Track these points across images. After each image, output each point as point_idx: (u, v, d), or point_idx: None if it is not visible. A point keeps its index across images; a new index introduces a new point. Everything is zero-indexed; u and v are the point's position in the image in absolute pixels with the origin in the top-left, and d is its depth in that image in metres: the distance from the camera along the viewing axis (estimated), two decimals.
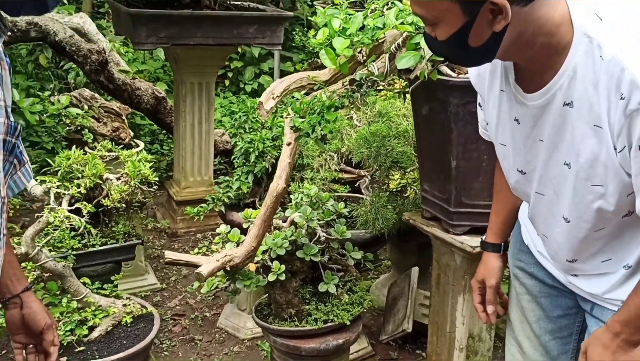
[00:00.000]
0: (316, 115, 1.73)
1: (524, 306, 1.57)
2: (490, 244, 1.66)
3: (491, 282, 1.64)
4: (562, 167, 1.20)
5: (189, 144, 3.90)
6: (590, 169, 1.15)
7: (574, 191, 1.20)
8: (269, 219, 1.96)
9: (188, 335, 2.94)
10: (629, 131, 1.07)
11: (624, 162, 1.11)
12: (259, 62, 5.99)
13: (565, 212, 1.25)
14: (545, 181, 1.27)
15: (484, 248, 1.69)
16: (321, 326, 2.15)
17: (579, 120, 1.13)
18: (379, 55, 1.86)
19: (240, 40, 3.62)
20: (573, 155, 1.17)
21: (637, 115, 1.04)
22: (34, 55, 4.48)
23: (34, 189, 1.79)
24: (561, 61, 1.12)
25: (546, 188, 1.28)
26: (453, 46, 1.12)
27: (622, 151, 1.10)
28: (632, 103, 1.04)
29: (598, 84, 1.08)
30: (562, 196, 1.24)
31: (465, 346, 2.28)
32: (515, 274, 1.59)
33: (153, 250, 3.71)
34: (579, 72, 1.11)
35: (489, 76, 1.31)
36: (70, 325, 1.80)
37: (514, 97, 1.25)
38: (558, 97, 1.15)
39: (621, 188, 1.15)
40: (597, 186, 1.16)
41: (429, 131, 2.09)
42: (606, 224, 1.23)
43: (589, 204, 1.20)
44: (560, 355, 1.54)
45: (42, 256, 1.78)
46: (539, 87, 1.17)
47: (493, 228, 1.67)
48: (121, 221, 2.51)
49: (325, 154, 2.51)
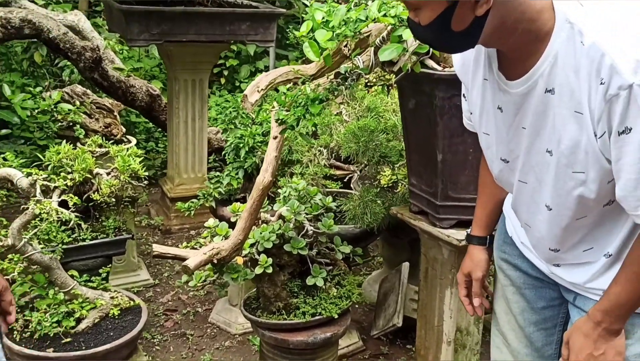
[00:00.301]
0: (301, 108, 1.74)
1: (508, 298, 1.58)
2: (475, 237, 1.68)
3: (477, 275, 1.66)
4: (544, 154, 1.21)
5: (183, 140, 3.91)
6: (571, 156, 1.16)
7: (555, 178, 1.21)
8: (255, 212, 1.97)
9: (180, 329, 2.95)
10: (608, 117, 1.08)
11: (604, 148, 1.12)
12: (254, 60, 6.00)
13: (548, 200, 1.26)
14: (527, 169, 1.28)
15: (469, 241, 1.71)
16: (309, 320, 2.15)
17: (560, 106, 1.14)
18: (364, 49, 1.87)
19: (232, 37, 3.63)
20: (554, 142, 1.18)
21: (617, 100, 1.05)
22: (29, 53, 4.50)
23: (20, 181, 1.80)
24: (543, 47, 1.14)
25: (528, 176, 1.29)
26: (436, 30, 1.13)
27: (602, 136, 1.11)
28: (611, 88, 1.05)
29: (579, 70, 1.09)
30: (544, 184, 1.25)
31: (453, 340, 2.29)
32: (500, 266, 1.60)
33: (146, 247, 3.72)
34: (560, 59, 1.12)
35: (473, 64, 1.33)
36: (57, 316, 1.81)
37: (497, 85, 1.26)
38: (540, 84, 1.16)
39: (601, 174, 1.16)
40: (578, 173, 1.17)
41: (416, 125, 2.10)
42: (588, 212, 1.24)
43: (570, 191, 1.20)
44: (544, 346, 1.55)
45: (29, 248, 1.79)
46: (521, 74, 1.18)
47: (478, 221, 1.69)
48: (111, 215, 2.52)
49: (314, 149, 2.52)
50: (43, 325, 1.79)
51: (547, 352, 1.56)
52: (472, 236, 1.69)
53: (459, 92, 1.59)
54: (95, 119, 2.97)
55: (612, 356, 1.25)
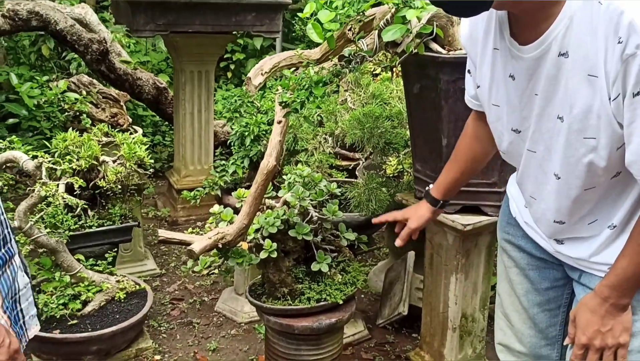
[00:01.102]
0: (304, 90, 1.74)
1: (512, 279, 1.58)
2: (430, 195, 1.72)
3: (412, 224, 1.73)
4: (555, 121, 1.20)
5: (189, 132, 3.92)
6: (583, 121, 1.15)
7: (566, 144, 1.20)
8: (260, 197, 1.97)
9: (186, 318, 2.96)
10: (624, 78, 1.07)
11: (617, 111, 1.11)
12: (261, 54, 6.01)
13: (557, 168, 1.25)
14: (537, 137, 1.27)
15: (425, 195, 1.75)
16: (314, 305, 2.16)
17: (574, 70, 1.13)
18: (369, 32, 1.87)
19: (238, 27, 3.63)
20: (567, 107, 1.17)
21: (633, 60, 1.04)
22: (36, 46, 4.52)
23: (26, 164, 1.81)
24: (558, 9, 1.12)
25: (538, 145, 1.28)
26: None
27: (616, 99, 1.10)
28: (629, 47, 1.04)
29: (596, 31, 1.08)
30: (554, 152, 1.24)
31: (458, 326, 2.29)
32: (504, 247, 1.60)
33: (153, 237, 3.73)
34: (575, 21, 1.11)
35: (483, 35, 1.31)
36: (64, 298, 1.82)
37: (509, 53, 1.24)
38: (553, 48, 1.15)
39: (613, 140, 1.15)
40: (589, 139, 1.16)
41: (420, 109, 2.10)
42: (596, 183, 1.23)
43: (580, 158, 1.19)
44: (548, 327, 1.55)
45: (35, 230, 1.80)
46: (534, 38, 1.17)
47: (438, 183, 1.72)
48: (118, 203, 2.53)
49: (319, 137, 2.52)
50: (49, 307, 1.80)
51: (552, 333, 1.55)
52: (428, 193, 1.73)
53: (464, 75, 1.58)
54: (102, 108, 2.98)
55: (619, 332, 1.24)
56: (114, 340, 1.81)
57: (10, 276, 1.26)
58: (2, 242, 1.24)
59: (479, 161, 1.63)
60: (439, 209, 1.73)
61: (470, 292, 2.27)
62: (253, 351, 2.74)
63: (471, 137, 1.60)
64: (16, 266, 1.29)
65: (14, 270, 1.27)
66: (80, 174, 2.24)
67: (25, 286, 1.34)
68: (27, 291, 1.34)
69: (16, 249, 1.31)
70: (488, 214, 2.11)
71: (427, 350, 2.42)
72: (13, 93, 4.31)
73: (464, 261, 2.20)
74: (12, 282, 1.26)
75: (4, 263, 1.23)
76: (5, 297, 1.23)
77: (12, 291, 1.27)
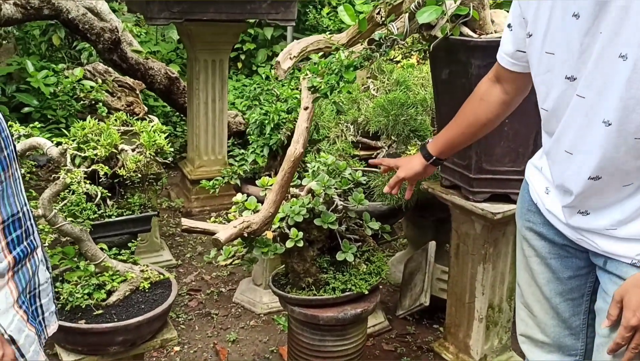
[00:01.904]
0: (334, 75, 1.70)
1: (533, 269, 1.52)
2: (426, 148, 1.74)
3: (400, 173, 1.77)
4: (617, 61, 1.14)
5: (203, 122, 3.88)
6: None
7: (627, 85, 1.14)
8: (286, 185, 1.93)
9: (204, 309, 2.93)
10: None
11: None
12: (271, 44, 5.96)
13: (609, 114, 1.18)
14: (591, 81, 1.20)
15: (420, 148, 1.77)
16: (339, 296, 2.12)
17: None
18: (398, 15, 1.82)
19: (253, 15, 3.58)
20: (634, 44, 1.11)
21: None
22: (47, 36, 4.49)
23: (50, 150, 1.77)
24: None
25: (590, 90, 1.21)
26: None
27: None
28: None
29: None
30: (609, 96, 1.17)
31: (485, 317, 2.25)
32: (524, 235, 1.54)
33: (168, 228, 3.71)
34: None
35: None
36: (88, 288, 1.79)
37: None
38: None
39: None
40: None
41: (449, 95, 2.05)
42: None
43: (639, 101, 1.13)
44: (571, 317, 1.50)
45: (59, 219, 1.77)
46: None
47: (436, 139, 1.72)
48: (137, 193, 2.50)
49: (341, 125, 2.47)
50: (74, 297, 1.77)
51: (575, 322, 1.50)
52: (424, 147, 1.74)
53: (495, 60, 1.54)
54: (117, 97, 2.94)
55: None
56: (139, 331, 1.77)
57: (29, 270, 1.21)
58: (25, 234, 1.19)
59: (478, 127, 1.62)
60: (431, 165, 1.75)
61: (497, 282, 2.23)
62: (273, 343, 2.71)
63: (479, 100, 1.58)
64: (37, 259, 1.24)
65: (35, 264, 1.23)
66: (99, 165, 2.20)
67: (47, 281, 1.29)
68: (47, 287, 1.29)
69: (39, 242, 1.26)
70: None
71: (452, 340, 2.38)
72: (24, 83, 4.27)
73: (492, 250, 2.16)
74: (32, 276, 1.22)
75: (25, 255, 1.18)
76: (22, 292, 1.18)
77: (30, 286, 1.22)
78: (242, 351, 2.64)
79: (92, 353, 1.80)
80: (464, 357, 2.32)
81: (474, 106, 1.60)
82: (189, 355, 2.60)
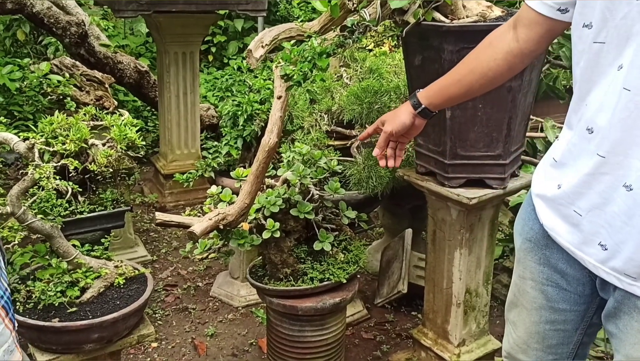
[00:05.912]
0: (307, 62, 1.68)
1: (526, 291, 1.39)
2: (416, 97, 1.53)
3: (387, 127, 1.56)
4: None
5: (175, 115, 3.83)
6: None
7: None
8: (261, 175, 1.91)
9: (181, 304, 2.90)
10: None
11: None
12: (242, 36, 5.90)
13: None
14: None
15: (409, 97, 1.58)
16: (317, 285, 2.11)
17: None
18: (370, 1, 1.81)
19: (223, 6, 3.54)
20: None
21: None
22: (11, 31, 4.37)
23: (17, 145, 1.72)
24: None
25: None
26: None
27: None
28: None
29: None
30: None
31: (462, 302, 2.27)
32: (521, 256, 1.40)
33: (142, 224, 3.65)
34: None
35: None
36: (61, 286, 1.75)
37: None
38: None
39: None
40: None
41: (423, 81, 2.03)
42: None
43: None
44: (559, 345, 1.38)
45: (29, 216, 1.72)
46: None
47: (429, 87, 1.52)
48: (109, 188, 2.45)
49: (315, 114, 2.46)
50: (47, 295, 1.72)
51: (562, 350, 1.38)
52: (415, 96, 1.54)
53: (468, 45, 1.53)
54: (86, 91, 2.88)
55: None
56: (115, 327, 1.74)
57: None
58: None
59: (477, 76, 1.39)
60: (419, 115, 1.52)
61: (474, 267, 2.24)
62: (252, 335, 2.70)
63: (487, 44, 1.37)
64: None
65: None
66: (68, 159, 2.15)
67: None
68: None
69: None
70: (492, 187, 2.08)
71: (430, 326, 2.40)
72: None
73: (468, 235, 2.17)
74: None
75: None
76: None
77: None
78: (220, 345, 2.62)
79: (67, 351, 1.77)
80: (442, 343, 2.34)
81: (480, 50, 1.39)
82: (167, 350, 2.57)
